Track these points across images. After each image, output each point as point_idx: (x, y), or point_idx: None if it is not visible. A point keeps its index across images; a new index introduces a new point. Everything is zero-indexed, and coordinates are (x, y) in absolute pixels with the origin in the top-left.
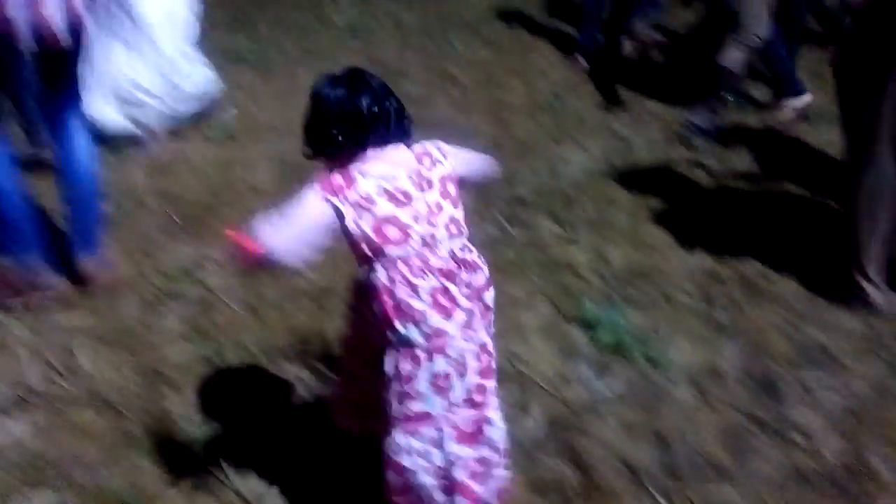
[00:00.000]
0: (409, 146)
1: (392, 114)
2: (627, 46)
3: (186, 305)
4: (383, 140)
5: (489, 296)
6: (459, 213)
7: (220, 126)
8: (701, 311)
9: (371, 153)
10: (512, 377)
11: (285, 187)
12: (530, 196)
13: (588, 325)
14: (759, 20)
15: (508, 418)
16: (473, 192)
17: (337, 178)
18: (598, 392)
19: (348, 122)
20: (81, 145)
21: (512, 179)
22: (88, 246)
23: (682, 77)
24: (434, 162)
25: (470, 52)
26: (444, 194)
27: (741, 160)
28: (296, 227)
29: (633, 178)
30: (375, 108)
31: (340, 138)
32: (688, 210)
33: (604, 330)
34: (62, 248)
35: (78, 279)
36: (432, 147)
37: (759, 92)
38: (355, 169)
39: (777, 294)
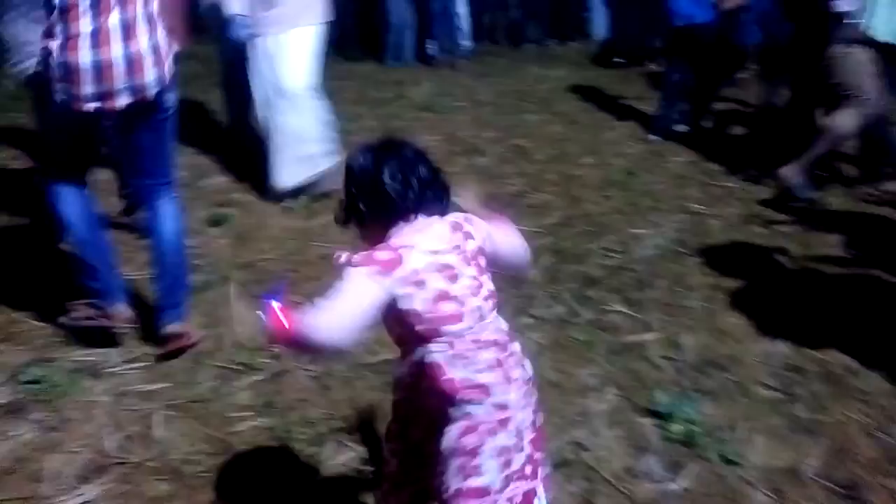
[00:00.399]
0: (442, 216)
1: (418, 186)
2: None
3: (259, 377)
4: (411, 212)
5: (528, 366)
6: (493, 288)
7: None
8: (780, 406)
9: (404, 226)
10: (576, 467)
11: None
12: (601, 275)
13: (659, 416)
14: (872, 87)
15: None
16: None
17: (382, 255)
18: (668, 490)
19: (370, 193)
20: (170, 215)
21: (582, 257)
22: (172, 312)
23: (763, 152)
24: (467, 236)
25: (543, 127)
26: (479, 269)
27: (825, 242)
28: (344, 310)
29: (709, 259)
30: (399, 181)
31: (364, 209)
32: (767, 295)
33: (675, 422)
34: (147, 314)
35: (160, 342)
36: (463, 219)
37: (847, 169)
38: (399, 243)
39: (863, 390)
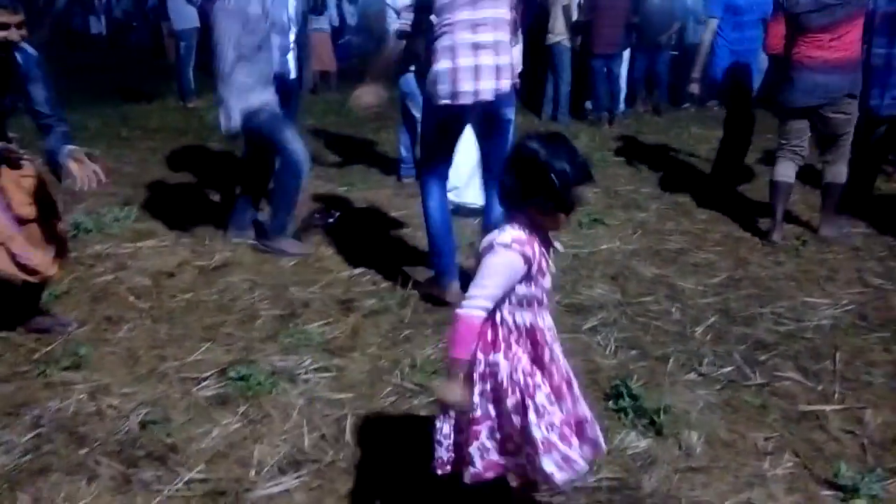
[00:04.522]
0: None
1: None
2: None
3: (432, 398)
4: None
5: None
6: None
7: None
8: None
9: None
10: None
11: None
12: (772, 341)
13: (841, 489)
14: None
15: None
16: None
17: (524, 235)
18: None
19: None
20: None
21: (751, 320)
22: None
23: None
24: None
25: (704, 186)
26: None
27: None
28: (500, 279)
29: (892, 335)
30: (570, 176)
31: (541, 198)
32: None
33: (860, 498)
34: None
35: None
36: None
37: None
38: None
39: None
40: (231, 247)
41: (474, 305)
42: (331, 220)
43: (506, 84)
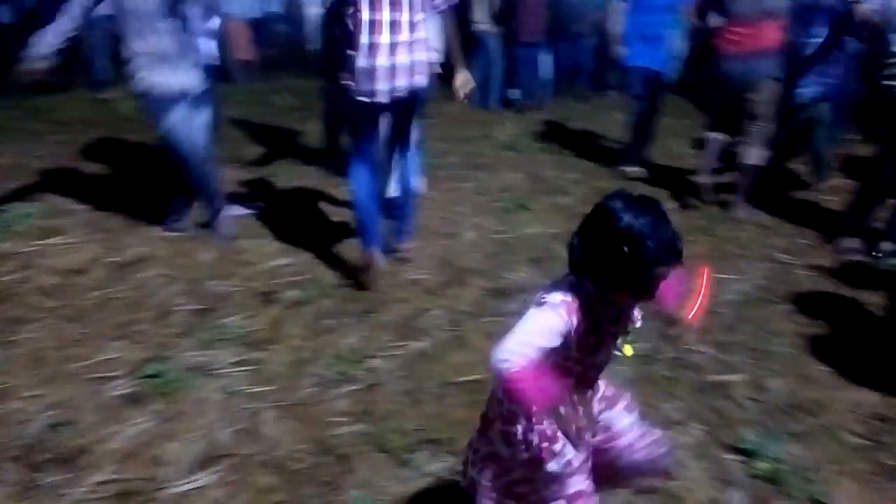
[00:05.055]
0: None
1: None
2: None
3: (355, 387)
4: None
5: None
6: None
7: None
8: (867, 452)
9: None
10: (662, 495)
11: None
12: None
13: (744, 454)
14: None
15: None
16: None
17: (576, 304)
18: None
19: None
20: (411, 166)
21: None
22: (406, 234)
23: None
24: None
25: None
26: None
27: None
28: (537, 338)
29: (795, 307)
30: (651, 254)
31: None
32: (855, 344)
33: (761, 460)
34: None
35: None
36: None
37: None
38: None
39: None
40: (146, 241)
41: (515, 361)
42: (253, 210)
43: (420, 79)
